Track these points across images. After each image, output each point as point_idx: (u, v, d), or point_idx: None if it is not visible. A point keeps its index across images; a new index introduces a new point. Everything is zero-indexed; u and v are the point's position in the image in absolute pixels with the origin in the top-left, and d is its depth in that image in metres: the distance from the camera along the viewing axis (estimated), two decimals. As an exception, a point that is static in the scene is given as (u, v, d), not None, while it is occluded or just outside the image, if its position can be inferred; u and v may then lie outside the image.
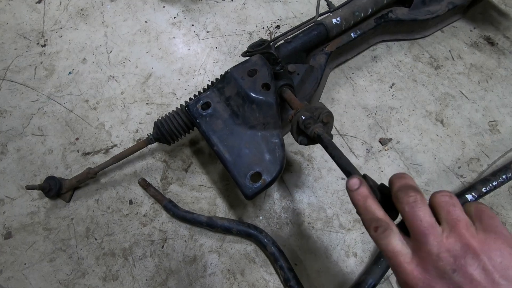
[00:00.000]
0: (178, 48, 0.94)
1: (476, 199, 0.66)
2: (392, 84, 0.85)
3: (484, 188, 0.67)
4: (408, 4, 0.85)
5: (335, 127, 0.80)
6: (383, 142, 0.78)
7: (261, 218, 0.70)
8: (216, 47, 0.93)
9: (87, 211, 0.72)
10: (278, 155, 0.59)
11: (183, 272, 0.66)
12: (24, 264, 0.67)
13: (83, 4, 1.02)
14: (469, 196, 0.66)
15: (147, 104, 0.85)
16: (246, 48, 0.67)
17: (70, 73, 0.90)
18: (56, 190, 0.69)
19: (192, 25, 0.98)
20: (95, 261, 0.67)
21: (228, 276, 0.65)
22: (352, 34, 0.80)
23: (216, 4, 1.01)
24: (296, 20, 0.97)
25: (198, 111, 0.63)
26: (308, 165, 0.76)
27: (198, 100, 0.64)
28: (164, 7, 1.01)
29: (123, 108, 0.84)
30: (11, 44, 0.95)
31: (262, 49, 0.64)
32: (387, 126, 0.80)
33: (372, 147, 0.77)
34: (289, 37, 0.75)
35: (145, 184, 0.73)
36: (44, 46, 0.95)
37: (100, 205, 0.72)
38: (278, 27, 0.96)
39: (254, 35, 0.95)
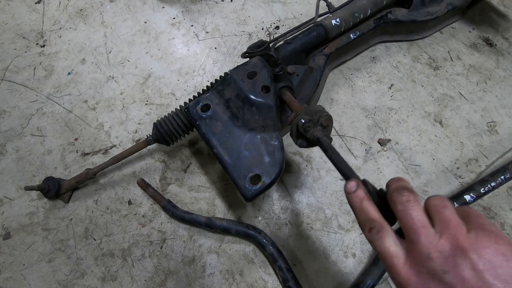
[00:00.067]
0: (178, 48, 0.94)
1: (474, 200, 0.67)
2: (391, 85, 0.85)
3: (482, 188, 0.67)
4: (407, 5, 0.85)
5: (334, 128, 0.80)
6: (382, 142, 0.78)
7: (260, 218, 0.70)
8: (216, 48, 0.93)
9: (86, 212, 0.72)
10: (277, 158, 0.59)
11: (182, 273, 0.66)
12: (23, 265, 0.67)
13: (83, 4, 1.02)
14: (467, 197, 0.66)
15: (146, 104, 0.85)
16: (245, 49, 0.67)
17: (69, 73, 0.90)
18: (55, 190, 0.69)
19: (192, 25, 0.98)
20: (94, 261, 0.67)
21: (227, 277, 0.65)
22: (351, 35, 0.81)
23: (215, 4, 1.01)
24: (295, 21, 0.97)
25: (198, 113, 0.63)
26: (307, 165, 0.76)
27: (197, 102, 0.64)
28: (163, 7, 1.01)
29: (122, 109, 0.84)
30: (10, 44, 0.95)
31: (261, 50, 0.64)
32: (386, 126, 0.80)
33: (371, 147, 0.77)
34: (288, 38, 0.75)
35: (144, 185, 0.73)
36: (43, 46, 0.95)
37: (99, 205, 0.72)
38: (278, 28, 0.96)
39: (254, 35, 0.95)
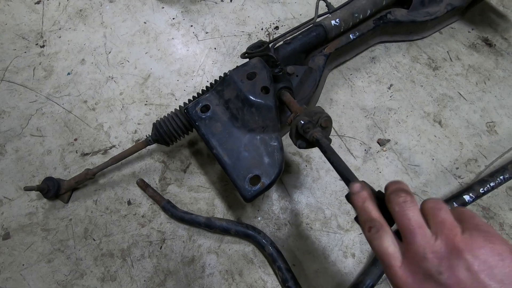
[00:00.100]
0: (177, 49, 0.94)
1: (473, 200, 0.67)
2: (390, 85, 0.85)
3: (481, 189, 0.67)
4: (407, 5, 0.85)
5: (334, 128, 0.80)
6: (381, 143, 0.78)
7: (259, 218, 0.70)
8: (215, 48, 0.93)
9: (85, 212, 0.72)
10: (277, 158, 0.59)
11: (181, 273, 0.66)
12: (22, 265, 0.67)
13: (82, 4, 1.02)
14: (466, 197, 0.66)
15: (145, 105, 0.85)
16: (245, 49, 0.67)
17: (69, 73, 0.90)
18: (55, 191, 0.69)
19: (191, 26, 0.98)
20: (93, 261, 0.67)
21: (226, 277, 0.65)
22: (351, 36, 0.81)
23: (215, 5, 1.01)
24: (295, 21, 0.97)
25: (197, 114, 0.63)
26: (306, 166, 0.76)
27: (197, 102, 0.64)
28: (163, 8, 1.01)
29: (121, 109, 0.84)
30: (10, 45, 0.95)
31: (261, 51, 0.64)
32: (385, 127, 0.80)
33: (370, 148, 0.77)
34: (288, 38, 0.75)
35: (143, 185, 0.73)
36: (43, 46, 0.95)
37: (99, 205, 0.73)
38: (277, 28, 0.96)
39: (253, 36, 0.95)
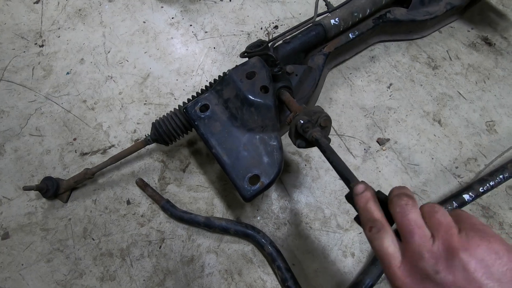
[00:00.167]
0: (176, 48, 0.94)
1: (473, 199, 0.67)
2: (390, 84, 0.85)
3: (481, 188, 0.67)
4: (406, 4, 0.85)
5: (333, 127, 0.80)
6: (381, 142, 0.78)
7: (258, 218, 0.70)
8: (214, 48, 0.93)
9: (84, 212, 0.72)
10: (276, 158, 0.59)
11: (180, 273, 0.66)
12: (22, 265, 0.67)
13: (81, 4, 1.02)
14: (466, 196, 0.66)
15: (145, 104, 0.84)
16: (244, 49, 0.67)
17: (68, 73, 0.90)
18: (54, 190, 0.69)
19: (190, 25, 0.98)
20: (93, 261, 0.67)
21: (225, 277, 0.65)
22: (350, 35, 0.81)
23: (214, 4, 1.01)
24: (294, 21, 0.97)
25: (197, 113, 0.63)
26: (306, 165, 0.76)
27: (196, 102, 0.64)
28: (162, 7, 1.01)
29: (121, 109, 0.84)
30: (9, 44, 0.95)
31: (260, 50, 0.64)
32: (385, 126, 0.80)
33: (370, 147, 0.77)
34: (287, 37, 0.75)
35: (142, 184, 0.72)
36: (42, 46, 0.95)
37: (98, 205, 0.72)
38: (276, 27, 0.96)
39: (252, 35, 0.95)
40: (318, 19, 0.75)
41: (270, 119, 0.61)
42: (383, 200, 0.37)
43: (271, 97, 0.60)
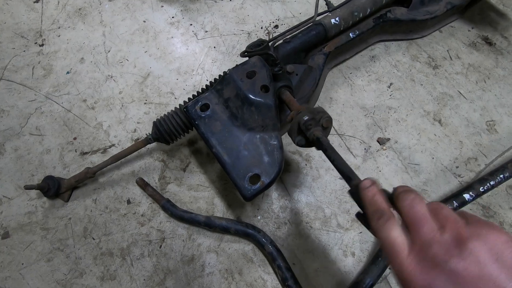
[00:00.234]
0: (177, 47, 0.93)
1: (473, 199, 0.67)
2: (390, 84, 0.85)
3: (481, 187, 0.67)
4: (406, 4, 0.85)
5: (333, 127, 0.80)
6: (381, 141, 0.78)
7: (259, 217, 0.70)
8: (215, 47, 0.93)
9: (84, 211, 0.72)
10: (276, 157, 0.59)
11: (181, 272, 0.66)
12: (22, 264, 0.67)
13: (81, 3, 1.02)
14: (466, 196, 0.66)
15: (145, 103, 0.84)
16: (244, 48, 0.67)
17: (68, 72, 0.90)
18: (55, 189, 0.69)
19: (191, 24, 0.98)
20: (93, 261, 0.67)
21: (226, 276, 0.65)
22: (350, 34, 0.80)
23: (214, 3, 1.01)
24: (294, 20, 0.97)
25: (197, 113, 0.63)
26: (306, 164, 0.76)
27: (196, 101, 0.64)
28: (162, 6, 1.01)
29: (121, 108, 0.84)
30: (9, 44, 0.95)
31: (260, 49, 0.64)
32: (385, 125, 0.80)
33: (370, 146, 0.77)
34: (287, 37, 0.75)
35: (143, 184, 0.72)
36: (42, 45, 0.95)
37: (98, 204, 0.72)
38: (277, 27, 0.96)
39: (253, 35, 0.95)
40: (318, 18, 0.75)
41: (271, 118, 0.60)
42: (388, 197, 0.37)
43: (271, 96, 0.60)
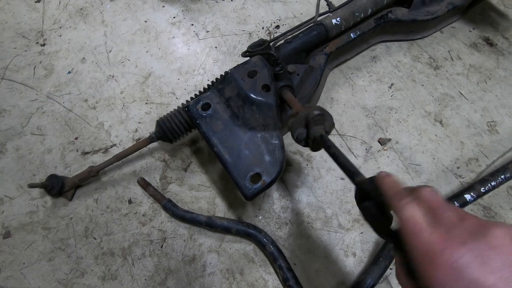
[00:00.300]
0: (178, 47, 0.94)
1: (474, 199, 0.67)
2: (391, 84, 0.85)
3: (482, 188, 0.67)
4: (407, 4, 0.85)
5: (335, 127, 0.80)
6: (382, 142, 0.78)
7: (260, 217, 0.70)
8: (216, 47, 0.93)
9: (86, 211, 0.72)
10: (278, 156, 0.59)
11: (182, 272, 0.66)
12: (23, 263, 0.67)
13: (83, 3, 1.02)
14: (467, 196, 0.66)
15: (146, 103, 0.84)
16: (245, 48, 0.67)
17: (69, 72, 0.90)
18: (58, 188, 0.69)
19: (192, 24, 0.98)
20: (94, 260, 0.67)
21: (227, 276, 0.65)
22: (351, 35, 0.81)
23: (215, 4, 1.01)
24: (295, 20, 0.97)
25: (198, 112, 0.63)
26: (307, 165, 0.76)
27: (198, 100, 0.64)
28: (163, 6, 1.01)
29: (122, 108, 0.84)
30: (10, 43, 0.95)
31: (262, 49, 0.64)
32: (386, 126, 0.80)
33: (371, 147, 0.77)
34: (289, 37, 0.75)
35: (144, 184, 0.73)
36: (43, 45, 0.95)
37: (99, 204, 0.72)
38: (278, 27, 0.96)
39: (254, 35, 0.95)
40: (319, 18, 0.75)
41: (272, 117, 0.61)
42: None
43: (272, 95, 0.60)
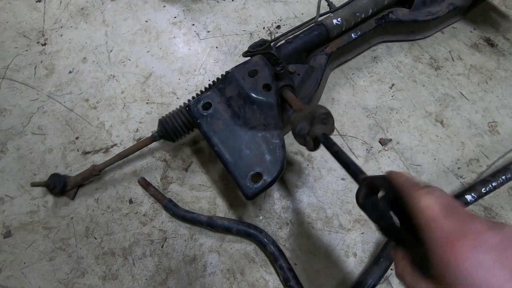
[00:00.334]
0: (179, 47, 0.94)
1: (475, 200, 0.67)
2: (392, 85, 0.85)
3: (483, 188, 0.67)
4: (408, 5, 0.85)
5: (335, 128, 0.80)
6: (383, 142, 0.78)
7: (261, 217, 0.70)
8: (217, 47, 0.93)
9: (86, 210, 0.72)
10: (278, 156, 0.59)
11: (182, 272, 0.66)
12: (24, 263, 0.67)
13: (84, 3, 1.02)
14: (468, 197, 0.66)
15: (147, 103, 0.84)
16: (246, 48, 0.67)
17: (70, 72, 0.90)
18: (61, 187, 0.69)
19: (193, 24, 0.98)
20: (95, 260, 0.67)
21: (228, 276, 0.65)
22: (352, 35, 0.81)
23: (216, 4, 1.01)
24: (296, 20, 0.97)
25: (199, 112, 0.63)
26: (308, 165, 0.76)
27: (199, 100, 0.64)
28: (164, 6, 1.01)
29: (123, 108, 0.84)
30: (11, 43, 0.95)
31: (263, 49, 0.64)
32: (387, 126, 0.80)
33: (372, 147, 0.77)
34: (289, 37, 0.75)
35: (145, 184, 0.73)
36: (44, 45, 0.95)
37: (100, 204, 0.72)
38: (279, 27, 0.96)
39: (255, 35, 0.95)
40: (320, 19, 0.75)
41: (273, 117, 0.61)
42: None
43: (273, 95, 0.60)
